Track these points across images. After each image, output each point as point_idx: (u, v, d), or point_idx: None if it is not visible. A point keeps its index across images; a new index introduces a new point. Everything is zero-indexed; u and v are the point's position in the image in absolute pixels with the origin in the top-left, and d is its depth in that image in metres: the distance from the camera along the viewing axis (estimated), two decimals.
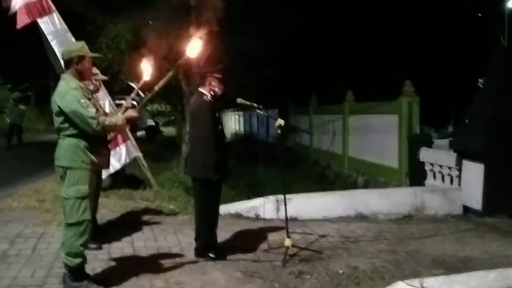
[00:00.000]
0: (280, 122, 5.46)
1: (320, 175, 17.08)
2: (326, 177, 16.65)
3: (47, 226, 6.53)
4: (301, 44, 20.22)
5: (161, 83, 5.09)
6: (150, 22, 12.35)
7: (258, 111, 5.80)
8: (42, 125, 31.31)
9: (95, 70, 5.67)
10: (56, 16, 7.91)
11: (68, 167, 4.26)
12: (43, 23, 7.79)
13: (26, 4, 7.65)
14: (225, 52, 12.41)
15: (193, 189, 5.59)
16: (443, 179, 9.18)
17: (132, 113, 4.61)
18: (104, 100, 7.88)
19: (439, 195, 8.26)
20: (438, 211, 8.06)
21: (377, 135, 13.33)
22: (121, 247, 5.74)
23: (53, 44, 7.75)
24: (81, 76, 4.48)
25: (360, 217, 7.67)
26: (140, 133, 29.29)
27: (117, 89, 14.92)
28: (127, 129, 7.55)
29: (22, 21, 7.59)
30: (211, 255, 5.30)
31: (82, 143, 4.28)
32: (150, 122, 38.03)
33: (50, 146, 4.75)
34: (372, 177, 13.52)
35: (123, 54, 13.58)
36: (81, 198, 4.24)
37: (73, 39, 7.54)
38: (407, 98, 11.97)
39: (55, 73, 7.21)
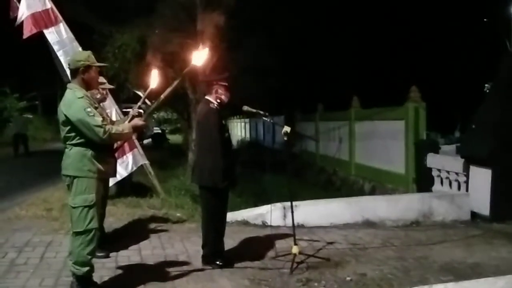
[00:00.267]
0: (286, 129, 5.44)
1: (327, 181, 17.09)
2: (332, 184, 16.66)
3: (55, 234, 6.55)
4: (307, 51, 20.25)
5: (168, 91, 5.12)
6: (156, 31, 12.42)
7: (264, 118, 5.81)
8: (49, 134, 31.40)
9: (101, 79, 5.69)
10: (63, 26, 7.94)
11: (75, 176, 4.27)
12: (49, 34, 7.83)
13: (33, 15, 7.69)
14: (231, 60, 12.47)
15: (200, 196, 5.58)
16: (450, 185, 9.15)
17: (139, 121, 4.62)
18: (111, 108, 7.90)
19: (446, 201, 8.22)
20: (445, 217, 8.02)
21: (383, 141, 13.32)
22: (129, 255, 5.74)
23: (59, 54, 7.78)
24: (88, 85, 4.50)
25: (368, 224, 7.64)
26: (146, 141, 29.38)
27: (124, 98, 15.05)
28: (134, 137, 7.57)
29: (28, 31, 7.62)
30: (218, 262, 5.29)
31: (89, 152, 4.30)
32: (157, 130, 38.10)
33: (57, 155, 4.76)
34: (379, 183, 13.50)
35: (130, 63, 13.69)
36: (89, 206, 4.25)
37: (80, 49, 7.58)
38: (414, 104, 11.98)
39: (62, 82, 7.24)
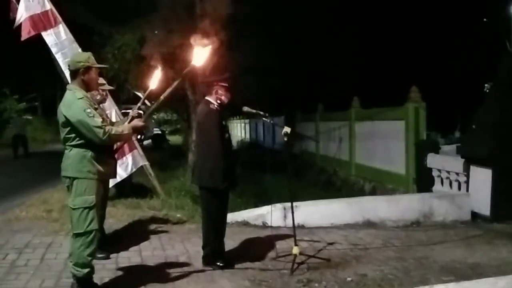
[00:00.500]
0: (286, 129, 5.43)
1: (327, 182, 17.07)
2: (333, 184, 16.64)
3: (55, 236, 6.54)
4: (307, 51, 20.23)
5: (167, 92, 5.10)
6: (156, 31, 12.41)
7: (264, 118, 5.80)
8: (49, 135, 31.38)
9: (101, 80, 5.69)
10: (62, 27, 7.93)
11: (75, 177, 4.26)
12: (47, 36, 7.82)
13: (31, 17, 7.68)
14: (231, 60, 12.45)
15: (200, 197, 5.57)
16: (450, 185, 9.15)
17: (139, 122, 4.62)
18: (111, 109, 7.89)
19: (447, 201, 8.21)
20: (446, 217, 8.01)
21: (383, 141, 13.31)
22: (129, 257, 5.74)
23: (57, 56, 7.78)
24: (88, 86, 4.49)
25: (368, 224, 7.63)
26: (146, 142, 29.36)
27: (124, 98, 15.05)
28: (134, 138, 7.56)
29: (26, 34, 7.62)
30: (219, 263, 5.28)
31: (89, 153, 4.29)
32: (157, 131, 38.08)
33: (57, 156, 4.76)
34: (379, 183, 13.49)
35: (129, 63, 13.68)
36: (88, 208, 4.25)
37: (80, 50, 7.57)
38: (414, 104, 11.97)
39: (62, 83, 7.24)
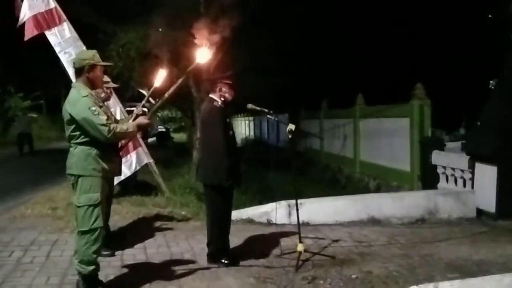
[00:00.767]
0: (291, 127, 5.43)
1: (332, 179, 17.06)
2: (337, 181, 16.63)
3: (61, 233, 6.57)
4: (311, 48, 20.20)
5: (172, 89, 5.11)
6: (160, 29, 12.40)
7: (268, 116, 5.80)
8: (54, 133, 31.50)
9: (106, 78, 5.70)
10: (67, 25, 7.91)
11: (80, 175, 4.27)
12: (51, 35, 7.80)
13: (35, 16, 7.65)
14: (235, 58, 12.44)
15: (205, 195, 5.57)
16: (455, 182, 9.12)
17: (143, 120, 4.62)
18: (115, 107, 7.89)
19: (452, 198, 8.18)
20: (451, 214, 7.99)
21: (388, 139, 13.29)
22: (134, 254, 5.76)
23: (60, 55, 7.77)
24: (93, 84, 4.50)
25: (373, 221, 7.62)
26: (151, 140, 29.41)
27: (128, 96, 15.06)
28: (138, 136, 7.57)
29: (30, 33, 7.59)
30: (223, 260, 5.29)
31: (94, 151, 4.30)
32: (161, 129, 38.18)
33: (62, 154, 4.77)
34: (384, 180, 13.48)
35: (134, 61, 13.67)
36: (93, 205, 4.26)
37: (84, 48, 7.56)
38: (418, 101, 11.95)
39: (67, 81, 7.24)
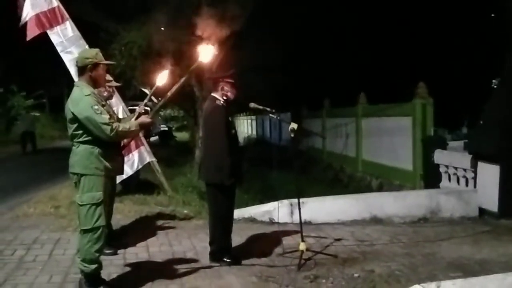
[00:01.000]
0: (293, 125, 5.42)
1: (334, 178, 17.03)
2: (339, 180, 16.60)
3: (63, 232, 6.58)
4: (313, 47, 20.19)
5: (174, 88, 5.12)
6: (163, 28, 12.41)
7: (271, 115, 5.79)
8: (57, 132, 31.55)
9: (108, 76, 5.70)
10: (69, 24, 7.90)
11: (83, 174, 4.28)
12: (53, 34, 7.78)
13: (37, 15, 7.63)
14: (237, 57, 12.44)
15: (207, 193, 5.57)
16: (458, 181, 9.11)
17: (145, 119, 4.62)
18: (118, 106, 7.89)
19: (454, 197, 8.18)
20: (453, 213, 7.99)
21: (390, 138, 13.27)
22: (136, 252, 5.77)
23: (62, 54, 7.77)
24: (95, 83, 4.50)
25: (375, 220, 7.62)
26: (153, 139, 29.44)
27: (130, 95, 15.05)
28: (141, 134, 7.57)
29: (31, 33, 7.57)
30: (226, 259, 5.30)
31: (96, 149, 4.30)
32: (163, 127, 38.23)
33: (65, 152, 4.77)
34: (386, 180, 13.46)
35: (136, 60, 13.67)
36: (96, 204, 4.27)
37: (87, 46, 7.55)
38: (421, 100, 11.92)
39: (69, 80, 7.24)
